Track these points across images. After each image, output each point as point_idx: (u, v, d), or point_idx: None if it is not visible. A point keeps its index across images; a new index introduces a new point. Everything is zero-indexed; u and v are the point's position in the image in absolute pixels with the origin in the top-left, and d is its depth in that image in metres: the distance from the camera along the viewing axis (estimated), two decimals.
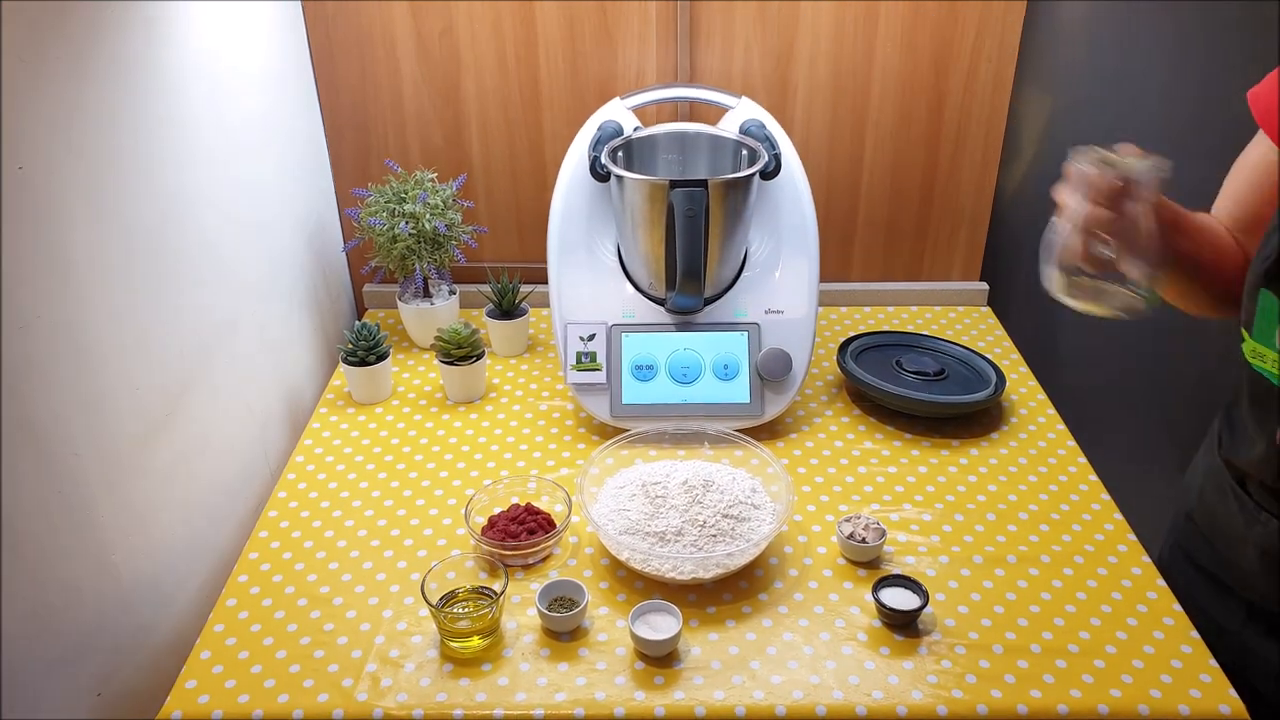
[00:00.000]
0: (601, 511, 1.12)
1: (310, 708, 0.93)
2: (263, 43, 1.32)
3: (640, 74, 1.51)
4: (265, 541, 1.14)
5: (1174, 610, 1.03)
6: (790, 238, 1.34)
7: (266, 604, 1.05)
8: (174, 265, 1.07)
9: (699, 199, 1.19)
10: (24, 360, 0.83)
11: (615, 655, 0.98)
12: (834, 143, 1.57)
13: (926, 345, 1.49)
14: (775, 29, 1.47)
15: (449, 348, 1.37)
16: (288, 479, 1.25)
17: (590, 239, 1.35)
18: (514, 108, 1.53)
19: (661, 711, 0.92)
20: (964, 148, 1.57)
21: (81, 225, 0.91)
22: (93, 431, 0.93)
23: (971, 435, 1.33)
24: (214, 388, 1.16)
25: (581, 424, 1.36)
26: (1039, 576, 1.08)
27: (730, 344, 1.31)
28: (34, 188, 0.84)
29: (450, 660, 0.98)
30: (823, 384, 1.45)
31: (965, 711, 0.92)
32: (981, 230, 1.65)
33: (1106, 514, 1.18)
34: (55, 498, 0.88)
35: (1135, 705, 0.93)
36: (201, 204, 1.14)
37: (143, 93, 1.01)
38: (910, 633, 1.01)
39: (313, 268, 1.49)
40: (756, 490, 1.15)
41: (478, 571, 1.07)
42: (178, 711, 0.93)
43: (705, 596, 1.06)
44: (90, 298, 0.92)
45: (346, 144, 1.57)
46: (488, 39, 1.48)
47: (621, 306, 1.33)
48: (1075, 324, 1.65)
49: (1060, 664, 0.97)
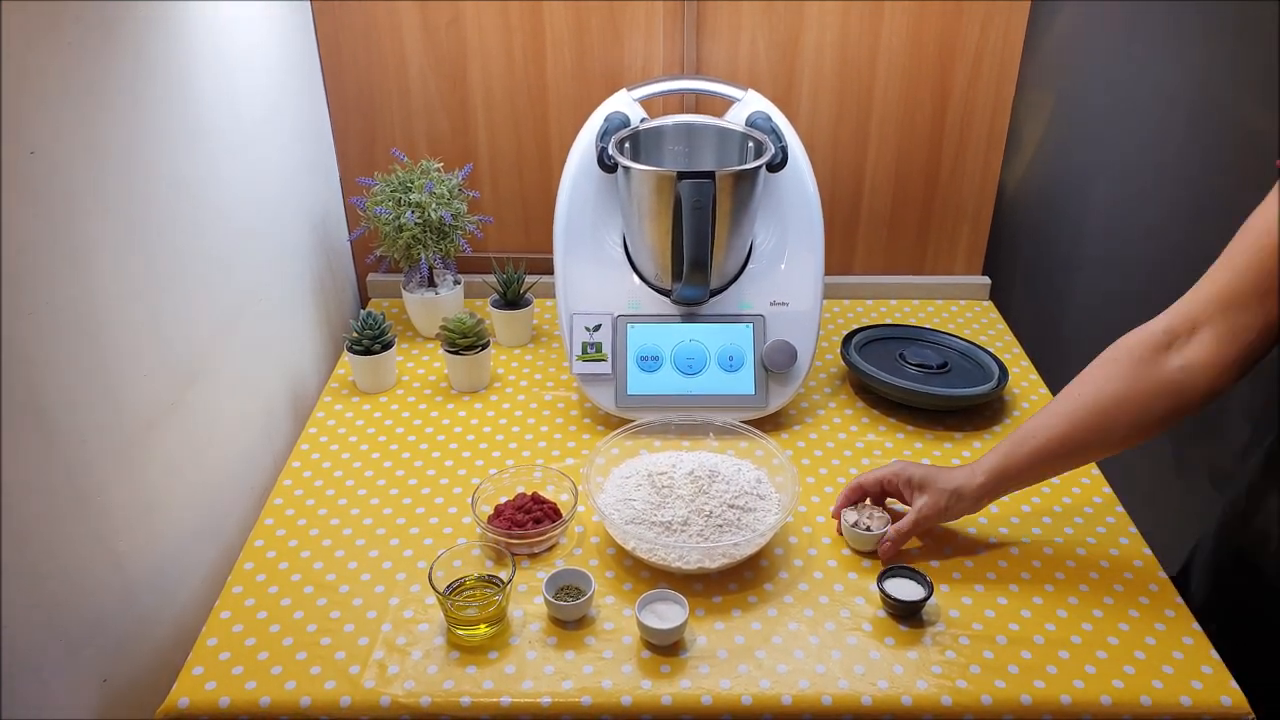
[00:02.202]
0: (607, 501, 1.12)
1: (317, 695, 0.93)
2: (270, 32, 1.32)
3: (647, 65, 1.51)
4: (271, 529, 1.14)
5: (1175, 603, 1.04)
6: (795, 230, 1.35)
7: (273, 591, 1.05)
8: (181, 253, 1.07)
9: (706, 190, 1.19)
10: (33, 346, 0.83)
11: (622, 644, 0.99)
12: (838, 136, 1.57)
13: (929, 338, 1.50)
14: (781, 22, 1.47)
15: (454, 337, 1.37)
16: (293, 468, 1.25)
17: (596, 230, 1.35)
18: (521, 98, 1.53)
19: (668, 700, 0.93)
20: (968, 142, 1.58)
21: (91, 211, 0.91)
22: (101, 418, 0.93)
23: (974, 428, 1.33)
24: (220, 375, 1.16)
25: (586, 414, 1.36)
26: (1042, 568, 1.09)
27: (735, 335, 1.32)
28: (45, 172, 0.84)
29: (457, 648, 0.98)
30: (826, 376, 1.45)
31: (969, 701, 0.93)
32: (985, 224, 1.65)
33: (1109, 507, 1.18)
34: (63, 484, 0.88)
35: (1137, 696, 0.93)
36: (209, 192, 1.14)
37: (151, 81, 1.01)
38: (915, 623, 1.01)
39: (318, 256, 1.49)
40: (762, 481, 1.16)
41: (484, 560, 1.08)
42: (185, 699, 0.93)
43: (711, 586, 1.06)
44: (99, 284, 0.92)
45: (353, 133, 1.57)
46: (495, 29, 1.48)
47: (627, 297, 1.33)
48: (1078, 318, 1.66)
49: (1063, 655, 0.98)
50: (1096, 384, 0.99)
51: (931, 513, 1.06)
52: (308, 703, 0.92)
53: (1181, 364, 0.95)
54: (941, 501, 1.06)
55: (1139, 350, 0.97)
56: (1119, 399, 0.97)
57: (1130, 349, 0.98)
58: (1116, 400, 0.97)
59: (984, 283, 1.68)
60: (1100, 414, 0.98)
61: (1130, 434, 0.98)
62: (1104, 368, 0.99)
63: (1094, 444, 1.01)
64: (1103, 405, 0.98)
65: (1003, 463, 1.04)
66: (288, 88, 1.38)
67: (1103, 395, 0.98)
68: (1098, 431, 0.99)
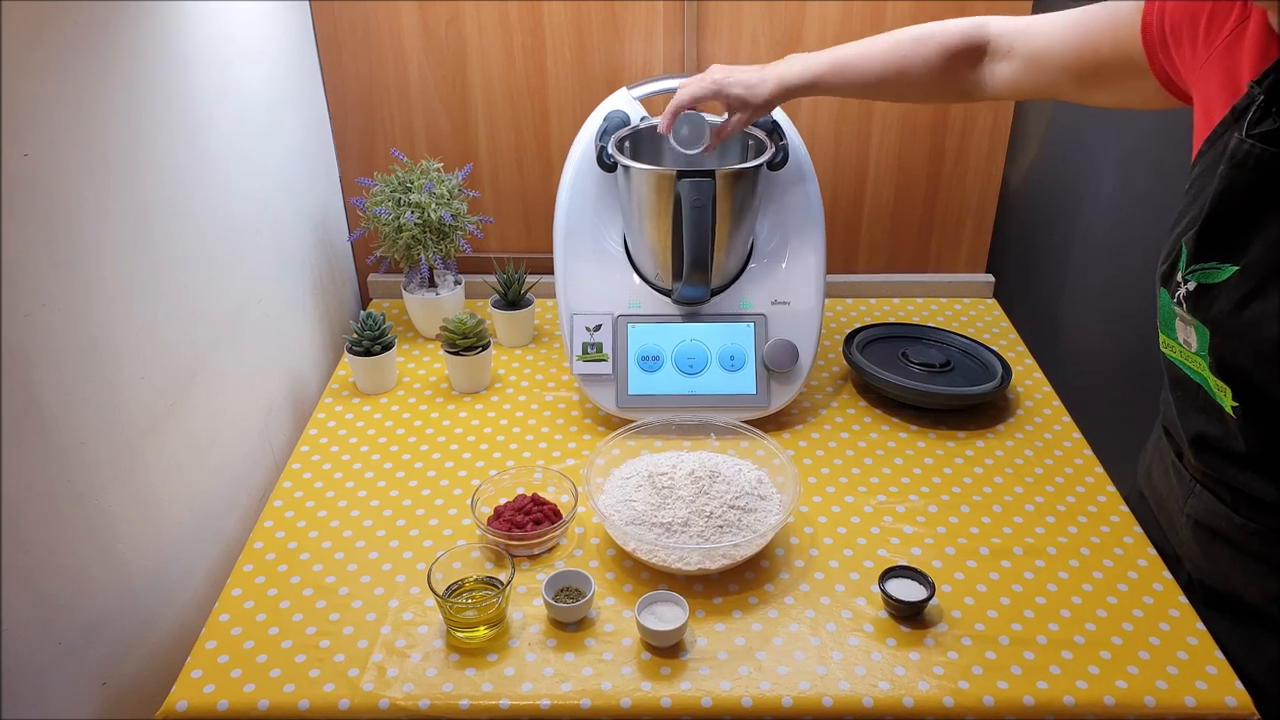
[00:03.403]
0: (608, 502, 1.12)
1: (316, 698, 0.93)
2: (269, 32, 1.32)
3: (647, 64, 1.51)
4: (270, 531, 1.14)
5: (1180, 602, 1.03)
6: (797, 229, 1.34)
7: (272, 594, 1.05)
8: (180, 254, 1.07)
9: (706, 190, 1.18)
10: (32, 348, 0.83)
11: (622, 646, 0.98)
12: (840, 134, 1.57)
13: (932, 337, 1.49)
14: (782, 20, 1.47)
15: (454, 338, 1.37)
16: (293, 469, 1.25)
17: (596, 229, 1.34)
18: (520, 98, 1.53)
19: (668, 702, 0.92)
20: (970, 139, 1.57)
21: (89, 213, 0.90)
22: (101, 420, 0.93)
23: (977, 427, 1.33)
24: (220, 377, 1.16)
25: (587, 415, 1.36)
26: (1045, 568, 1.08)
27: (737, 335, 1.31)
28: (41, 175, 0.83)
29: (456, 650, 0.98)
30: (829, 375, 1.45)
31: (971, 703, 0.92)
32: (988, 222, 1.65)
33: (1112, 506, 1.18)
34: (62, 486, 0.88)
35: (1141, 697, 0.93)
36: (208, 193, 1.13)
37: (150, 81, 1.01)
38: (917, 624, 1.01)
39: (318, 257, 1.49)
40: (763, 481, 1.15)
41: (484, 562, 1.07)
42: (183, 701, 0.93)
43: (712, 587, 1.06)
44: (98, 285, 0.92)
45: (352, 133, 1.57)
46: (494, 28, 1.47)
47: (628, 297, 1.33)
48: (1081, 316, 1.65)
49: (1066, 655, 0.97)
50: (908, 54, 1.13)
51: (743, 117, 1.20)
52: (306, 705, 0.92)
53: (979, 80, 1.11)
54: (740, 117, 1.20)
55: (955, 45, 1.11)
56: (922, 79, 1.13)
57: (949, 41, 1.11)
58: (920, 79, 1.13)
59: (988, 281, 1.67)
60: (901, 83, 1.14)
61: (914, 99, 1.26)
62: (921, 45, 1.12)
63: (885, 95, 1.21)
64: (906, 78, 1.13)
65: (816, 80, 1.16)
66: (287, 88, 1.38)
67: (909, 66, 1.13)
68: (893, 91, 1.17)
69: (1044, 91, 1.08)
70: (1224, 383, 0.86)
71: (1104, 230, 1.53)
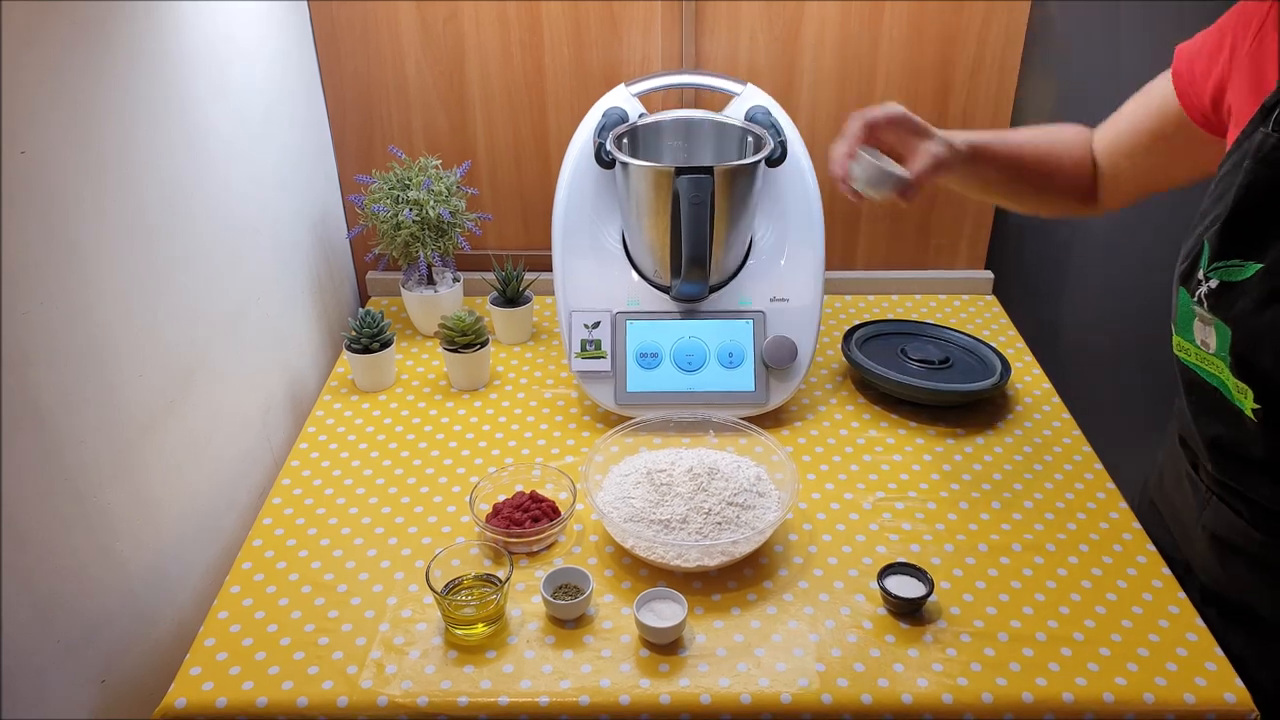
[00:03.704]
0: (606, 499, 1.12)
1: (315, 695, 0.93)
2: (267, 31, 1.32)
3: (645, 60, 1.50)
4: (269, 529, 1.14)
5: (1179, 599, 1.03)
6: (796, 225, 1.34)
7: (271, 591, 1.05)
8: (179, 252, 1.07)
9: (705, 186, 1.18)
10: (30, 347, 0.83)
11: (620, 642, 0.98)
12: (839, 130, 1.56)
13: (931, 334, 1.49)
14: (781, 15, 1.47)
15: (453, 335, 1.37)
16: (291, 466, 1.25)
17: (595, 226, 1.34)
18: (518, 94, 1.53)
19: (666, 699, 0.92)
20: None
21: (87, 212, 0.90)
22: (99, 419, 0.93)
23: (976, 424, 1.33)
24: (218, 375, 1.16)
25: (586, 412, 1.36)
26: (1044, 565, 1.08)
27: (735, 332, 1.31)
28: (38, 172, 0.83)
29: (455, 647, 0.98)
30: (827, 372, 1.45)
31: (970, 699, 0.92)
32: (987, 218, 1.64)
33: (1112, 502, 1.18)
34: (61, 485, 0.88)
35: (1140, 694, 0.93)
36: (206, 190, 1.13)
37: (147, 79, 1.01)
38: (915, 621, 1.01)
39: (316, 255, 1.48)
40: (761, 478, 1.15)
41: (482, 559, 1.07)
42: (182, 699, 0.93)
43: (710, 584, 1.06)
44: (96, 283, 0.92)
45: (350, 130, 1.56)
46: (492, 25, 1.47)
47: (626, 294, 1.33)
48: (1081, 313, 1.65)
49: (1065, 652, 0.97)
50: (1065, 141, 1.09)
51: (946, 155, 1.01)
52: (305, 703, 0.92)
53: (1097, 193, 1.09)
54: (944, 152, 1.01)
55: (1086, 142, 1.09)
56: (1072, 155, 1.08)
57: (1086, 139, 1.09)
58: (1070, 154, 1.08)
59: (987, 277, 1.67)
60: (1054, 167, 1.08)
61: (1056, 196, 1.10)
62: (1063, 131, 1.10)
63: (1037, 181, 1.10)
64: (1056, 157, 1.08)
65: (981, 144, 1.06)
66: (285, 86, 1.38)
67: (1066, 151, 1.08)
68: (1044, 175, 1.09)
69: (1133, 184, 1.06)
70: (1244, 384, 0.84)
71: (1103, 226, 1.53)
